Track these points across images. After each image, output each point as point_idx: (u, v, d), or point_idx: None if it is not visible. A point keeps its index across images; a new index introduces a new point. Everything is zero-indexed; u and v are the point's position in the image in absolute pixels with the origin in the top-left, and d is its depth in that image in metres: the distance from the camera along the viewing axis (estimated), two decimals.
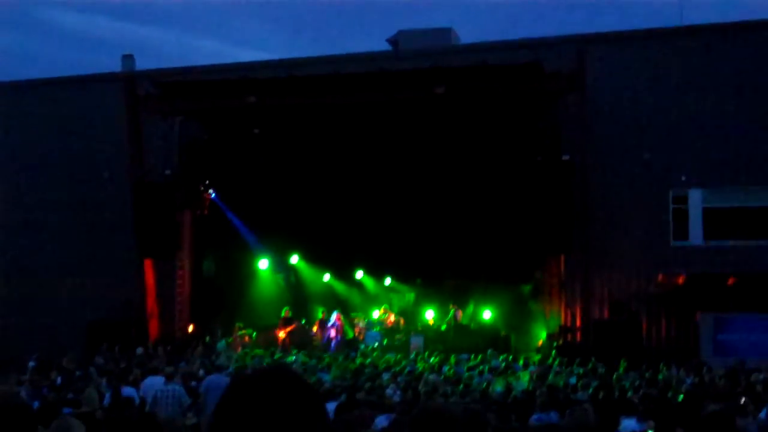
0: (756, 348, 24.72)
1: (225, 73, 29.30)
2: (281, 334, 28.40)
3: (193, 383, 16.80)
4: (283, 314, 28.97)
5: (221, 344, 26.73)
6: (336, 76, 25.80)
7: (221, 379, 15.81)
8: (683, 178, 27.21)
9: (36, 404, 10.10)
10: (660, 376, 20.10)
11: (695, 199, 27.43)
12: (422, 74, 25.42)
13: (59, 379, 17.33)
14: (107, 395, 14.31)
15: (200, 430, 13.94)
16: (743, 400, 15.39)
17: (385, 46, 33.15)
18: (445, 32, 32.10)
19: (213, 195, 29.63)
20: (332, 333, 28.35)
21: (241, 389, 2.19)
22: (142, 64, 33.04)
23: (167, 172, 28.30)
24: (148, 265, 28.47)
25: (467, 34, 33.27)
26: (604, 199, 26.62)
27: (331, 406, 12.86)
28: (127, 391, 14.64)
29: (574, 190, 25.45)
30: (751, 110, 26.86)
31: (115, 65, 33.43)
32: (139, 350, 24.18)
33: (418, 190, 27.53)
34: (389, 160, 27.35)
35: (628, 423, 12.07)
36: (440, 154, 26.80)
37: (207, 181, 29.39)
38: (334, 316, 28.82)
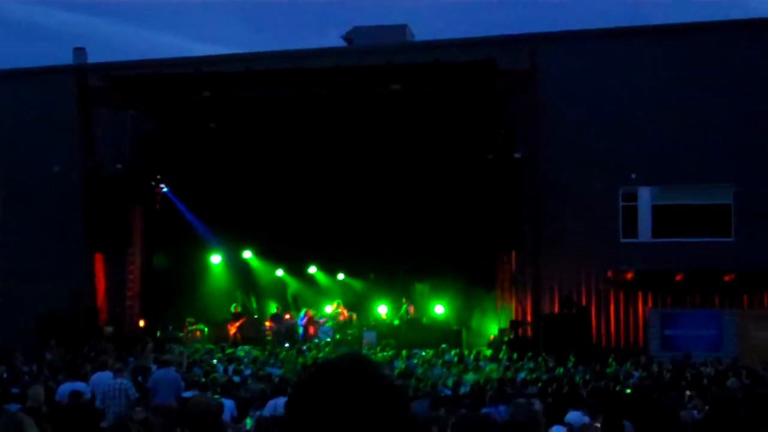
0: (702, 342, 25.26)
1: (179, 67, 29.13)
2: (232, 329, 28.44)
3: (140, 378, 16.73)
4: (232, 309, 29.08)
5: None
6: (291, 71, 25.78)
7: (169, 374, 15.79)
8: (633, 176, 27.58)
9: None
10: (609, 370, 20.41)
11: (644, 196, 27.82)
12: (378, 71, 25.51)
13: (5, 374, 17.14)
14: (58, 391, 14.22)
15: (149, 424, 13.89)
16: (688, 393, 15.76)
17: (340, 43, 33.17)
18: (400, 29, 32.22)
19: (165, 189, 29.42)
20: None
21: (318, 379, 2.06)
22: (94, 57, 32.64)
23: (118, 166, 27.98)
24: (98, 259, 28.23)
25: (421, 31, 33.40)
26: (555, 196, 26.85)
27: (281, 401, 12.92)
28: (78, 386, 14.55)
29: (525, 187, 25.74)
30: (701, 109, 27.27)
31: (66, 58, 32.99)
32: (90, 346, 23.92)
33: (371, 185, 27.60)
34: (343, 155, 27.38)
35: (574, 415, 12.29)
36: (394, 150, 26.89)
37: (159, 176, 29.16)
38: (303, 314, 29.08)
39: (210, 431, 5.28)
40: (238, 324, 28.56)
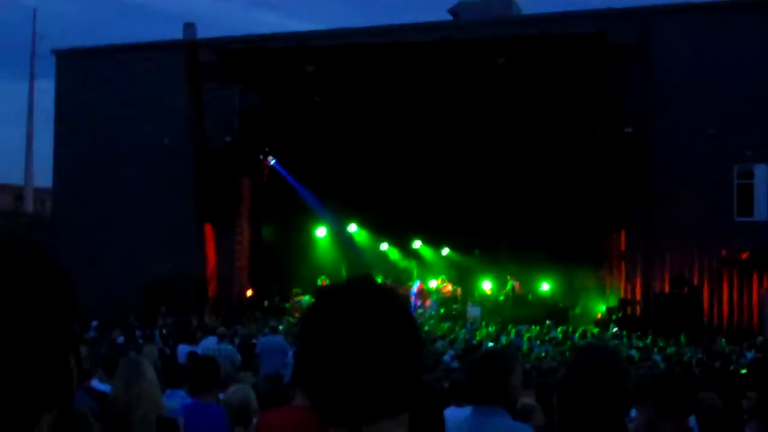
0: None
1: (284, 42, 29.34)
2: None
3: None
4: (319, 283, 29.06)
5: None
6: (395, 45, 25.66)
7: (275, 339, 16.05)
8: (748, 153, 26.60)
9: None
10: (726, 350, 19.77)
11: (761, 174, 26.82)
12: (483, 44, 25.17)
13: (121, 339, 17.60)
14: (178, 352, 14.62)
15: (258, 389, 14.10)
16: None
17: (446, 17, 32.88)
18: (506, 2, 31.72)
19: (273, 162, 29.79)
20: (418, 302, 28.40)
21: (325, 300, 2.12)
22: (203, 34, 33.13)
23: (227, 139, 28.54)
24: (208, 229, 28.87)
25: (528, 4, 32.81)
26: (667, 173, 26.16)
27: None
28: (187, 349, 14.87)
29: (636, 163, 25.14)
30: None
31: (176, 35, 33.54)
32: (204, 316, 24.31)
33: (478, 161, 27.40)
34: (450, 130, 27.21)
35: None
36: (501, 125, 26.58)
37: (267, 149, 29.54)
38: (416, 285, 28.98)
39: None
40: None
